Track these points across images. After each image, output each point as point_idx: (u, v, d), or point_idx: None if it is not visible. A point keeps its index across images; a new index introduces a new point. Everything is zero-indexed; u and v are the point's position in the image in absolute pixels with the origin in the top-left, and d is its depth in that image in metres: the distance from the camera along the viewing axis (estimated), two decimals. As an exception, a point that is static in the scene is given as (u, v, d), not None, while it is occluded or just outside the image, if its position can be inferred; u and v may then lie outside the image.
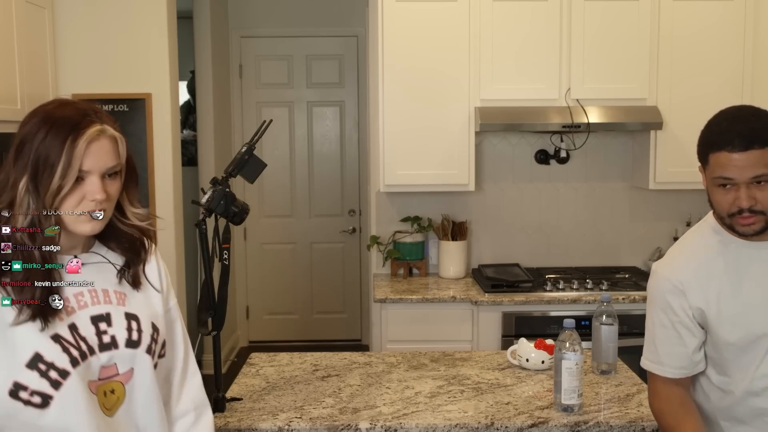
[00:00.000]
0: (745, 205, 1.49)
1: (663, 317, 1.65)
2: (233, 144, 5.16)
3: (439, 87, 3.38)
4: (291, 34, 5.17)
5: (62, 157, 1.25)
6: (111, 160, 1.32)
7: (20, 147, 1.28)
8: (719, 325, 1.59)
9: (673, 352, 1.65)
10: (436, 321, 3.23)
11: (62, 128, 1.27)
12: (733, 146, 1.48)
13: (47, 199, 1.26)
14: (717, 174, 1.51)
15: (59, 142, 1.26)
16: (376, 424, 1.83)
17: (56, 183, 1.25)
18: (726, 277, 1.58)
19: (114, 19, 3.57)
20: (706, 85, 3.39)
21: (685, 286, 1.61)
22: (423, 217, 3.69)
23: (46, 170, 1.25)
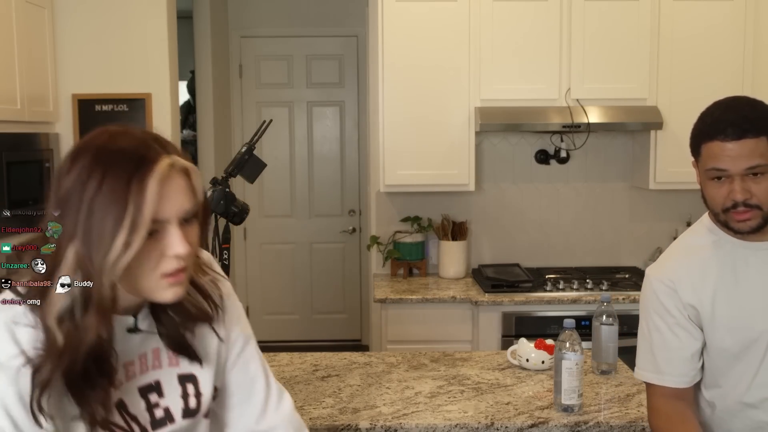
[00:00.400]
0: (740, 198, 1.40)
1: (658, 321, 1.55)
2: (233, 144, 5.16)
3: (439, 87, 3.38)
4: (291, 34, 5.17)
5: (129, 206, 0.95)
6: (188, 201, 1.02)
7: (65, 200, 0.97)
8: (713, 330, 1.50)
9: (672, 358, 1.53)
10: (436, 321, 3.23)
11: (122, 167, 0.96)
12: (726, 135, 1.39)
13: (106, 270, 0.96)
14: (710, 165, 1.43)
15: (121, 186, 0.95)
16: (376, 424, 1.83)
17: (121, 242, 0.95)
18: (720, 279, 1.50)
19: (114, 19, 3.57)
20: (706, 85, 3.39)
21: (676, 284, 1.53)
22: (423, 217, 3.68)
23: (106, 228, 0.95)
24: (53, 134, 3.52)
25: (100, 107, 3.59)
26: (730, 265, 1.51)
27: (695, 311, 1.52)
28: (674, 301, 1.53)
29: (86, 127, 3.59)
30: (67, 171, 0.99)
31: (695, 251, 1.55)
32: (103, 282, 0.96)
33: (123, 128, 1.05)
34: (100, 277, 0.96)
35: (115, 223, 0.94)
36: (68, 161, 1.00)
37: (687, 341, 1.53)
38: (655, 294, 1.56)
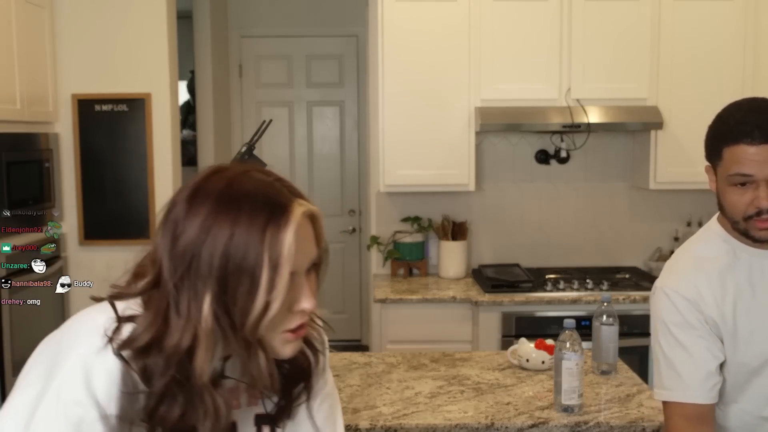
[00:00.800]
0: (765, 205, 1.32)
1: (681, 336, 1.44)
2: (233, 144, 5.16)
3: (439, 87, 3.38)
4: (291, 34, 5.17)
5: (265, 262, 0.85)
6: (315, 250, 0.95)
7: (189, 255, 0.87)
8: (734, 344, 1.43)
9: (698, 373, 1.42)
10: (436, 321, 3.22)
11: (254, 215, 0.87)
12: (753, 138, 1.30)
13: (248, 330, 0.87)
14: (734, 171, 1.34)
15: (255, 238, 0.86)
16: (376, 425, 1.83)
17: (261, 303, 0.86)
18: (738, 291, 1.42)
19: (114, 19, 3.57)
20: (706, 85, 3.39)
21: (697, 298, 1.43)
22: (423, 217, 3.68)
23: (242, 286, 0.85)
24: (53, 134, 3.52)
25: (100, 107, 3.58)
26: (746, 275, 1.43)
27: (716, 325, 1.44)
28: (696, 315, 1.43)
29: (86, 127, 3.59)
30: (184, 218, 0.88)
31: (711, 262, 1.46)
32: (249, 342, 0.88)
33: (241, 169, 0.93)
34: (243, 338, 0.87)
35: (253, 283, 0.85)
36: (183, 206, 0.89)
37: (712, 355, 1.43)
38: (675, 307, 1.45)
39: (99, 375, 0.89)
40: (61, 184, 3.59)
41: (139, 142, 3.60)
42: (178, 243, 0.88)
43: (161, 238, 0.90)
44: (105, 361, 0.90)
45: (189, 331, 0.87)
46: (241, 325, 0.87)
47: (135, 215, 3.61)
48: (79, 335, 0.94)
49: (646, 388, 2.10)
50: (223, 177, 0.91)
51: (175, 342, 0.87)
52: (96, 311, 0.96)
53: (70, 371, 0.90)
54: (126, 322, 0.91)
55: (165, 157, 3.64)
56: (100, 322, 0.92)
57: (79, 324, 0.96)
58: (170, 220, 0.90)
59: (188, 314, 0.87)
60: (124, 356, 0.89)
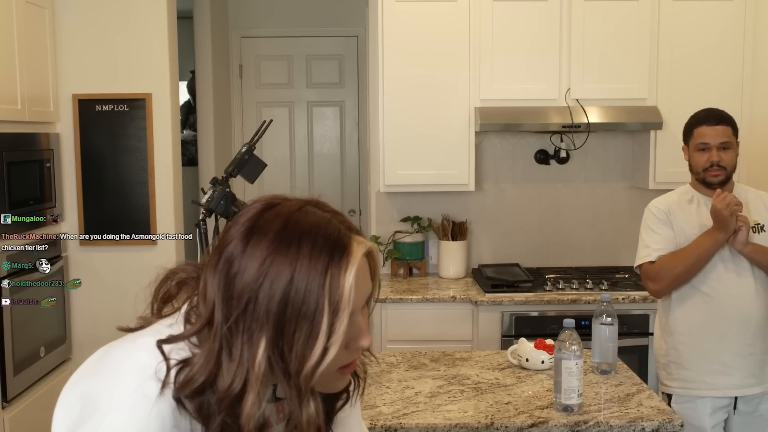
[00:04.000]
0: (716, 160, 2.27)
1: (654, 226, 2.40)
2: (233, 144, 5.16)
3: (439, 87, 3.38)
4: (291, 34, 5.17)
5: (325, 306, 0.82)
6: (369, 286, 0.92)
7: (244, 296, 0.82)
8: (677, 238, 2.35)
9: (657, 240, 2.37)
10: (436, 321, 3.23)
11: (316, 257, 0.83)
12: (709, 122, 2.31)
13: (303, 380, 0.83)
14: (698, 141, 2.32)
15: (317, 281, 0.82)
16: (376, 424, 1.83)
17: (320, 348, 0.82)
18: (689, 212, 2.36)
19: (114, 19, 3.57)
20: (706, 85, 3.39)
21: (667, 210, 2.39)
22: (423, 217, 3.69)
23: (300, 330, 0.82)
24: (54, 134, 3.52)
25: (101, 107, 3.59)
26: (695, 207, 2.37)
27: (672, 225, 2.36)
28: (663, 216, 2.39)
29: (87, 127, 3.59)
30: (240, 257, 0.84)
31: (679, 196, 2.43)
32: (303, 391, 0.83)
33: (297, 204, 0.90)
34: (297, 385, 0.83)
35: (312, 327, 0.82)
36: (239, 245, 0.85)
37: (670, 234, 2.36)
38: (652, 213, 2.43)
39: (151, 421, 0.83)
40: (62, 184, 3.59)
41: (139, 142, 3.60)
42: (234, 284, 0.83)
43: (213, 278, 0.85)
44: (157, 406, 0.83)
45: (241, 376, 0.82)
46: (297, 372, 0.82)
47: (135, 215, 3.62)
48: (123, 375, 0.86)
49: (645, 387, 2.10)
50: (280, 213, 0.87)
51: (227, 386, 0.83)
52: (136, 348, 0.89)
53: (119, 419, 0.82)
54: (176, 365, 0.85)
55: (165, 157, 3.65)
56: (146, 360, 0.86)
57: (119, 362, 0.88)
58: (224, 258, 0.85)
59: (241, 358, 0.82)
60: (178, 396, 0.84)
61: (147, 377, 0.84)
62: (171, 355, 0.85)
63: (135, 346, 0.89)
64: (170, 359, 0.85)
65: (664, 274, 2.32)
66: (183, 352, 0.86)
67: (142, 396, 0.83)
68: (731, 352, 2.26)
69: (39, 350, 3.25)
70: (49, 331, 3.38)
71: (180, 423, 0.85)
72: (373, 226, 3.80)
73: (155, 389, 0.83)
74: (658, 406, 1.96)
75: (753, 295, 2.27)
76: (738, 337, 2.26)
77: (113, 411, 0.82)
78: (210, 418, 0.84)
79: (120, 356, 0.89)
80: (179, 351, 0.86)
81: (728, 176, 2.30)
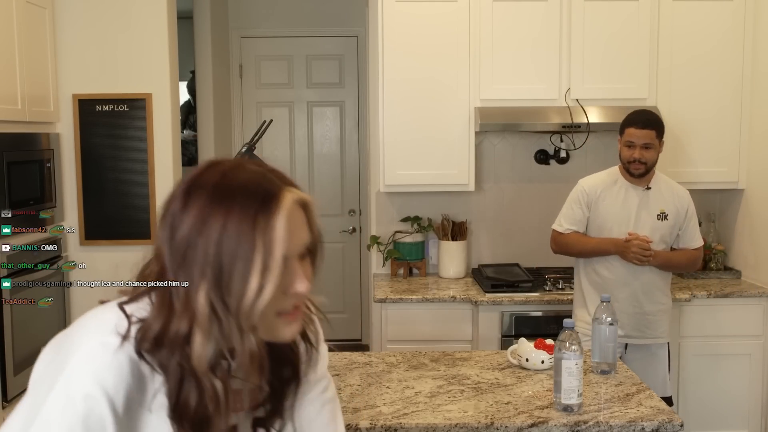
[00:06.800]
0: (638, 156, 2.69)
1: (573, 204, 2.84)
2: (233, 144, 5.16)
3: (439, 87, 3.39)
4: (291, 34, 5.17)
5: (258, 247, 0.90)
6: (306, 235, 0.98)
7: (184, 245, 0.91)
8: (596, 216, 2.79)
9: (571, 218, 2.84)
10: (436, 321, 3.23)
11: (246, 204, 0.91)
12: (637, 125, 2.71)
13: (243, 316, 0.91)
14: (627, 139, 2.72)
15: (248, 225, 0.90)
16: (376, 424, 1.83)
17: (255, 285, 0.90)
18: (612, 195, 2.78)
19: (114, 19, 3.57)
20: (706, 85, 3.40)
21: (589, 191, 2.80)
22: (423, 217, 3.69)
23: (236, 271, 0.90)
24: (54, 134, 3.53)
25: (101, 107, 3.59)
26: (616, 191, 2.79)
27: (590, 205, 2.80)
28: (584, 198, 2.81)
29: (87, 127, 3.60)
30: (180, 211, 0.93)
31: (607, 177, 2.83)
32: (243, 328, 0.91)
33: (236, 162, 0.98)
34: (239, 323, 0.91)
35: (246, 267, 0.89)
36: (180, 200, 0.94)
37: (583, 216, 2.82)
38: (577, 192, 2.85)
39: (109, 369, 0.92)
40: (62, 184, 3.59)
41: (139, 142, 3.61)
42: (176, 235, 0.92)
43: (161, 231, 0.95)
44: (116, 355, 0.93)
45: (186, 318, 0.91)
46: (236, 310, 0.90)
47: (135, 215, 3.62)
48: (88, 331, 0.97)
49: (645, 387, 2.11)
50: (217, 170, 0.95)
51: (176, 329, 0.92)
52: (103, 310, 1.00)
53: (79, 365, 0.92)
54: (136, 323, 0.95)
55: (165, 157, 3.65)
56: (108, 318, 0.96)
57: (87, 321, 0.99)
58: (169, 213, 0.94)
59: (186, 303, 0.91)
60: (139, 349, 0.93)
61: (109, 332, 0.94)
62: (134, 314, 0.96)
63: (105, 308, 1.00)
64: (131, 316, 0.95)
65: (565, 247, 2.88)
66: (144, 312, 0.96)
67: (102, 346, 0.93)
68: (621, 311, 2.62)
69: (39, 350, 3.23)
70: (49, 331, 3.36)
71: (138, 373, 0.93)
72: (373, 226, 3.80)
73: (115, 342, 0.93)
74: (658, 406, 1.96)
75: (648, 269, 2.75)
76: (628, 300, 2.74)
77: (77, 358, 0.93)
78: (168, 366, 0.93)
79: (91, 316, 1.00)
80: (141, 311, 0.96)
81: (648, 170, 2.73)
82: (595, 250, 2.79)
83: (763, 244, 3.42)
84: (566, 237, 2.84)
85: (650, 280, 2.76)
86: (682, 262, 2.85)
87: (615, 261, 2.75)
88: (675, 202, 2.79)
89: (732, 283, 3.45)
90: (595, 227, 2.81)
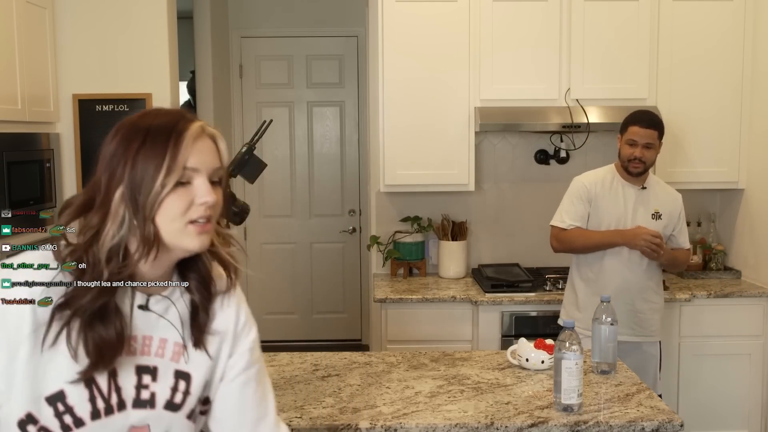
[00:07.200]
0: (638, 155, 2.71)
1: (575, 199, 2.83)
2: (233, 144, 5.16)
3: (439, 87, 3.39)
4: (291, 34, 5.17)
5: (166, 155, 1.09)
6: (216, 161, 1.16)
7: (112, 157, 1.11)
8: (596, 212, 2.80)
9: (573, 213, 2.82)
10: (436, 321, 3.23)
11: (161, 132, 1.11)
12: (641, 124, 2.72)
13: (147, 206, 1.09)
14: (629, 137, 2.73)
15: (162, 141, 1.10)
16: (376, 424, 1.83)
17: (159, 183, 1.09)
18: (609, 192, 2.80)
19: (114, 19, 3.57)
20: (706, 85, 3.40)
21: (590, 187, 2.81)
22: (423, 217, 3.69)
23: (147, 174, 1.09)
24: (54, 134, 3.53)
25: (101, 107, 3.59)
26: (613, 188, 2.81)
27: (590, 201, 2.81)
28: (585, 194, 2.82)
29: (87, 127, 3.60)
30: (110, 141, 1.13)
31: (604, 174, 2.85)
32: (146, 216, 1.09)
33: (158, 108, 1.19)
34: (143, 212, 1.09)
35: (156, 168, 1.09)
36: (110, 135, 1.14)
37: (585, 211, 2.81)
38: (577, 188, 2.84)
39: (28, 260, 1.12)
40: (62, 184, 3.59)
41: (139, 142, 3.60)
42: (106, 155, 1.12)
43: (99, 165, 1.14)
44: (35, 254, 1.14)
45: (102, 211, 1.10)
46: (143, 204, 1.09)
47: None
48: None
49: (645, 387, 2.11)
50: (143, 113, 1.16)
51: (92, 220, 1.11)
52: None
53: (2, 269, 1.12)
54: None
55: (165, 157, 3.64)
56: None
57: None
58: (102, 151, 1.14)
59: (105, 198, 1.10)
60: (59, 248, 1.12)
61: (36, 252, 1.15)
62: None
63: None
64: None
65: (568, 243, 2.84)
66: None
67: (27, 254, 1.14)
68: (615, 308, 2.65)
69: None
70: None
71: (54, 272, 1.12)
72: (373, 226, 3.80)
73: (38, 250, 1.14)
74: (658, 406, 1.96)
75: (645, 271, 2.78)
76: (621, 297, 2.69)
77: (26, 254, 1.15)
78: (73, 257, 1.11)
79: None
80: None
81: (646, 169, 2.77)
82: (601, 242, 2.78)
83: (763, 244, 3.42)
84: (569, 233, 2.83)
85: (643, 278, 2.79)
86: (681, 261, 2.90)
87: (610, 258, 2.78)
88: (669, 203, 2.82)
89: (732, 283, 3.45)
90: (593, 224, 2.82)
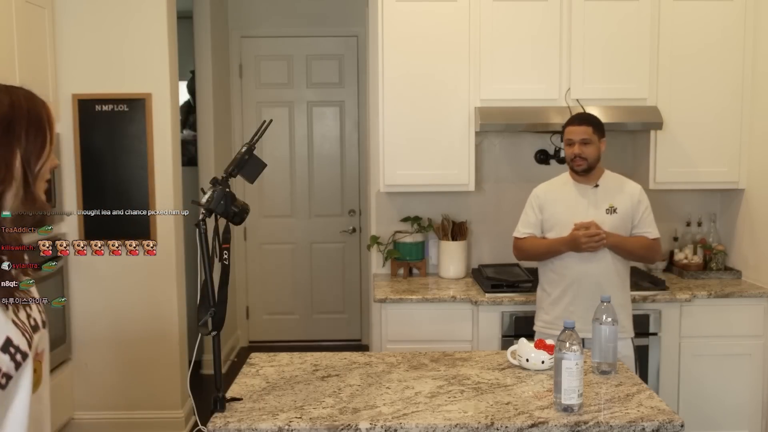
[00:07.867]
0: (577, 152, 2.78)
1: (527, 209, 2.94)
2: (233, 144, 5.16)
3: (439, 87, 3.38)
4: (291, 34, 5.17)
5: (47, 136, 1.32)
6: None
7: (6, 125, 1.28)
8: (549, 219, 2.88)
9: (527, 223, 2.93)
10: (436, 321, 3.23)
11: (35, 98, 1.35)
12: (574, 123, 2.83)
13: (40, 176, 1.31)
14: (567, 137, 2.83)
15: (42, 124, 1.32)
16: (376, 424, 1.83)
17: (45, 157, 1.31)
18: (560, 197, 2.88)
19: (114, 19, 3.57)
20: (706, 85, 3.39)
21: (542, 195, 2.92)
22: (423, 217, 3.69)
23: (35, 148, 1.30)
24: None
25: (100, 107, 3.59)
26: (566, 192, 2.88)
27: (543, 208, 2.90)
28: (536, 201, 2.92)
29: (87, 127, 3.60)
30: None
31: (558, 180, 2.94)
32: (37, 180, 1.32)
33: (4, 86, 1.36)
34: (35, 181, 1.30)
35: (42, 145, 1.31)
36: None
37: (537, 220, 2.90)
38: (530, 197, 2.95)
39: None
40: (62, 184, 3.59)
41: (139, 142, 3.60)
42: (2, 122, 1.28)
43: None
44: None
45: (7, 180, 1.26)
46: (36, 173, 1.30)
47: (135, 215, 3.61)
48: None
49: (645, 387, 2.10)
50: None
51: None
52: None
53: None
54: None
55: (165, 157, 3.65)
56: None
57: None
58: None
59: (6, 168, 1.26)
60: None
61: None
62: None
63: None
64: None
65: (524, 251, 2.96)
66: None
67: None
68: (578, 306, 2.76)
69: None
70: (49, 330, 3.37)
71: None
72: (373, 226, 3.80)
73: None
74: (658, 406, 1.96)
75: (606, 264, 2.81)
76: (586, 295, 2.74)
77: None
78: None
79: None
80: None
81: (590, 166, 2.81)
82: (548, 250, 2.86)
83: (763, 244, 3.42)
84: (523, 242, 2.93)
85: (605, 274, 2.81)
86: (635, 246, 2.85)
87: (568, 258, 2.81)
88: (624, 196, 2.85)
89: (732, 283, 3.45)
90: (548, 229, 2.88)
